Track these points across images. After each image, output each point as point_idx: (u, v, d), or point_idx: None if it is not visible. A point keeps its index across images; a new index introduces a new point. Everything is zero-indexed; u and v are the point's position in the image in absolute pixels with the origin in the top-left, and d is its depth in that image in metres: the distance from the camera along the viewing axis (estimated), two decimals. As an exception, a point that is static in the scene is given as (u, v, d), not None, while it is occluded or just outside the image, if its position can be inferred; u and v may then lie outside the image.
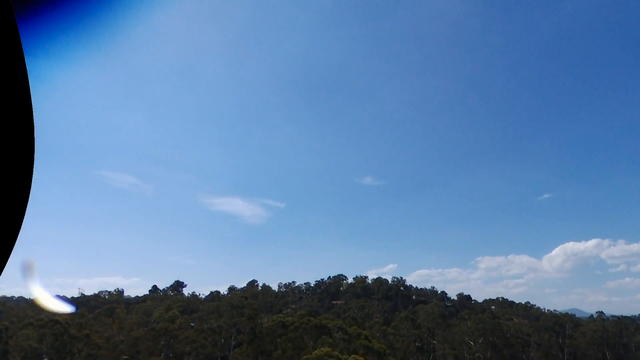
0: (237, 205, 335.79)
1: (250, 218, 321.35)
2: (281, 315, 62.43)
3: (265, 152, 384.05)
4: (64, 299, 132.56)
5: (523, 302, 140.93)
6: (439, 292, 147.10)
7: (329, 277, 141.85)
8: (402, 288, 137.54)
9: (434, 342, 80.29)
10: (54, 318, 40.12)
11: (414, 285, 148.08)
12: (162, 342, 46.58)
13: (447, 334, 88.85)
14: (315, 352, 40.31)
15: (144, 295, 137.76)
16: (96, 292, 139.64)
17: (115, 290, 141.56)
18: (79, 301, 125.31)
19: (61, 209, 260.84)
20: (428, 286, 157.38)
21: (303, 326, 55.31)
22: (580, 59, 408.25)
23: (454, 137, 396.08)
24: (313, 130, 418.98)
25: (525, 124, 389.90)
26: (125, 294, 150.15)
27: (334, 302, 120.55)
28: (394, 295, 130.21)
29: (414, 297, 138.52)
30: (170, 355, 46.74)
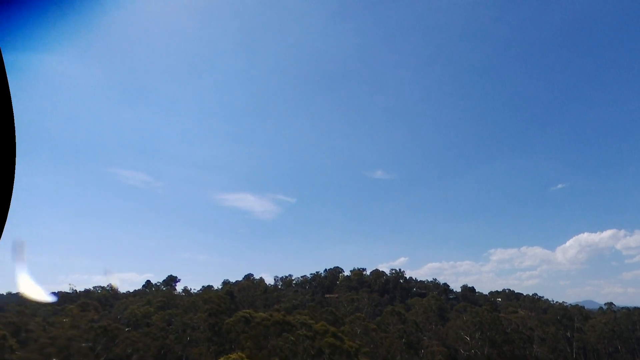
0: (249, 201, 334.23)
1: (262, 213, 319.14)
2: (248, 311, 57.25)
3: (277, 147, 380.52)
4: (54, 294, 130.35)
5: (531, 294, 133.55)
6: (442, 284, 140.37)
7: (325, 270, 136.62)
8: (401, 280, 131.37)
9: (424, 338, 74.26)
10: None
11: (415, 278, 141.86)
12: (101, 344, 41.94)
13: (441, 329, 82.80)
14: (223, 357, 34.93)
15: (135, 290, 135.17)
16: (89, 288, 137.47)
17: (107, 285, 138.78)
18: (69, 297, 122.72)
19: (76, 207, 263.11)
20: (440, 279, 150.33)
21: (264, 323, 50.02)
22: (594, 46, 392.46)
23: (465, 128, 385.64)
24: (324, 125, 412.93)
25: (537, 114, 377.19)
26: (124, 289, 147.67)
27: (328, 295, 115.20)
28: (392, 288, 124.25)
29: (414, 289, 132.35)
30: (105, 357, 42.08)
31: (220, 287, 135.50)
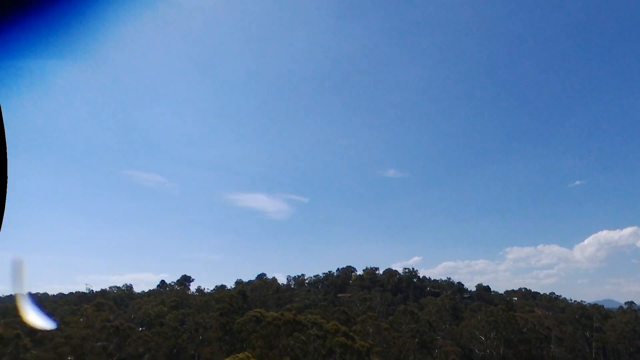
0: (262, 201, 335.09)
1: (275, 213, 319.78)
2: (259, 310, 57.26)
3: (289, 147, 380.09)
4: (72, 294, 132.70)
5: (548, 293, 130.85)
6: (456, 283, 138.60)
7: (338, 269, 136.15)
8: (414, 280, 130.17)
9: (438, 337, 73.30)
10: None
11: (429, 277, 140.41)
12: (113, 343, 42.39)
13: (455, 328, 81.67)
14: (231, 357, 34.79)
15: (149, 290, 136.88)
16: (105, 288, 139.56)
17: (123, 285, 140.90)
18: (85, 297, 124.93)
19: (93, 209, 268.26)
20: (455, 278, 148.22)
21: (275, 322, 49.91)
22: (613, 38, 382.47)
23: (478, 125, 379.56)
24: (335, 124, 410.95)
25: (553, 109, 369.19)
26: (139, 289, 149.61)
27: (340, 295, 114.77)
28: (405, 288, 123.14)
29: (428, 289, 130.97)
30: (118, 357, 42.51)
31: (233, 286, 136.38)
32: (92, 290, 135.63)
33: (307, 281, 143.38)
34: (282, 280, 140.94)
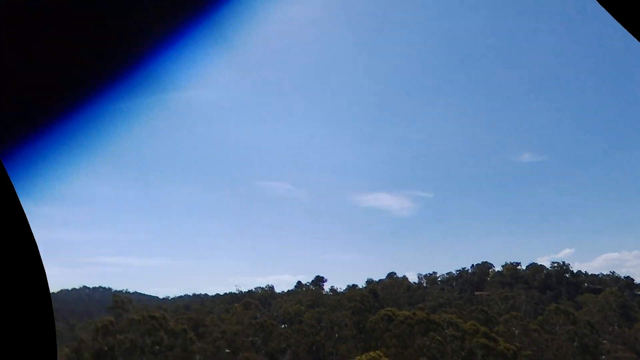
0: (386, 200, 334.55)
1: (399, 211, 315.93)
2: (390, 309, 56.80)
3: (410, 142, 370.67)
4: (226, 295, 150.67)
5: None
6: (623, 277, 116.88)
7: (472, 265, 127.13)
8: (567, 275, 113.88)
9: (604, 341, 62.62)
10: (151, 314, 44.43)
11: (585, 271, 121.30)
12: (260, 339, 46.75)
13: (627, 331, 68.74)
14: (359, 357, 34.18)
15: (288, 290, 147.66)
16: (251, 289, 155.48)
17: (266, 286, 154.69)
18: (235, 297, 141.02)
19: (238, 218, 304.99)
20: (621, 272, 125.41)
21: (408, 321, 48.85)
22: None
23: (636, 90, 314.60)
24: (457, 111, 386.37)
25: None
26: (279, 289, 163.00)
27: (477, 293, 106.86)
28: (556, 284, 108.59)
29: (585, 285, 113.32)
30: (265, 351, 46.60)
31: (364, 286, 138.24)
32: (241, 291, 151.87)
33: (439, 279, 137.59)
34: (412, 278, 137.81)
